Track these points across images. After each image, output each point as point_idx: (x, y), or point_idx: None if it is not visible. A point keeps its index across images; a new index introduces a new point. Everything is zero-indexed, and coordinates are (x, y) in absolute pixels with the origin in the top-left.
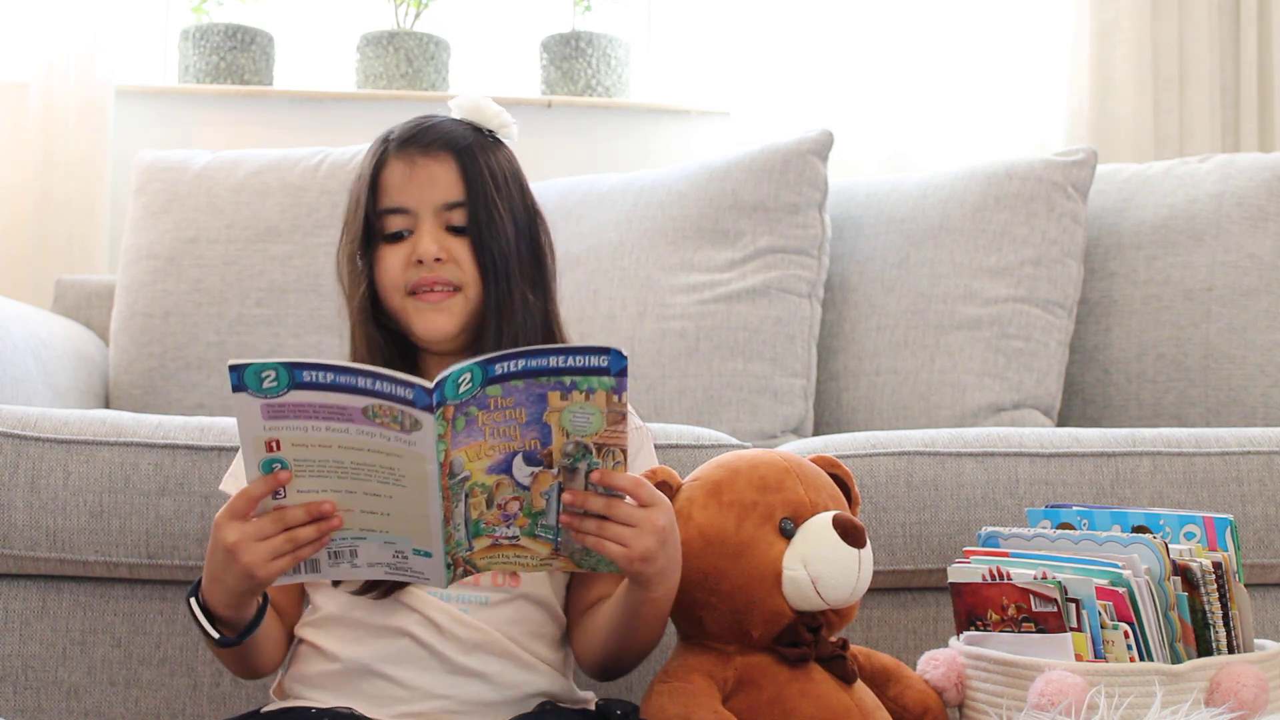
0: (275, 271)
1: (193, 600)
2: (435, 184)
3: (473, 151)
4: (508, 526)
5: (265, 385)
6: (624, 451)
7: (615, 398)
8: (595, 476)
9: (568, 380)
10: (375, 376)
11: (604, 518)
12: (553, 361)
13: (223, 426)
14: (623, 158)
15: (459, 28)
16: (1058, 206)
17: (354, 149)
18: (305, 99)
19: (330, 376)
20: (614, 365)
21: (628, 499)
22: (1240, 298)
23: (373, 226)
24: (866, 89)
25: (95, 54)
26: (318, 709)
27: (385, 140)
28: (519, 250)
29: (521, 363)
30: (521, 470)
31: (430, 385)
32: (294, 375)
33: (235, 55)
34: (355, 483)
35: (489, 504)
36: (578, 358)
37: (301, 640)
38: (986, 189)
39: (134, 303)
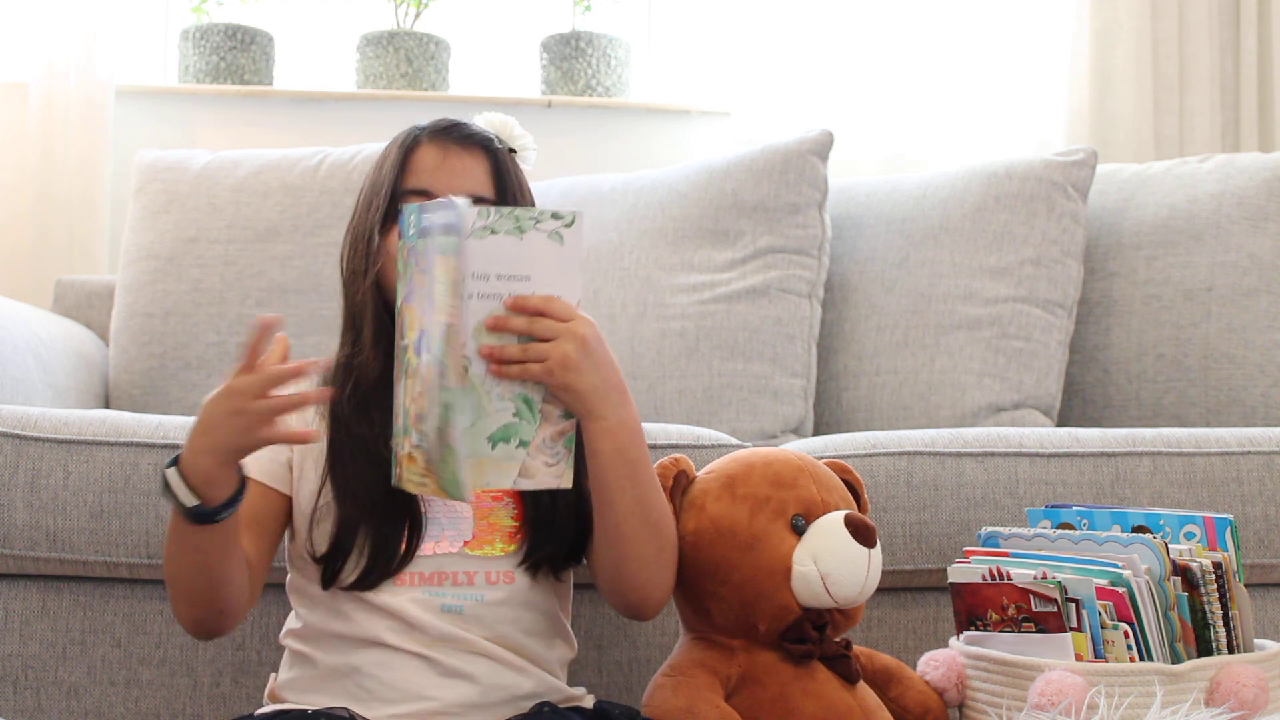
0: (275, 271)
1: (170, 470)
2: (467, 175)
3: (503, 156)
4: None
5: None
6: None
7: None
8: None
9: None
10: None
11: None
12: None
13: None
14: (623, 158)
15: (459, 28)
16: (1058, 206)
17: (354, 149)
18: (305, 99)
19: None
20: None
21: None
22: (1240, 298)
23: (393, 205)
24: (866, 89)
25: (95, 54)
26: (314, 710)
27: (416, 129)
28: None
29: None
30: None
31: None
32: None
33: (235, 55)
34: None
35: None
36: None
37: (288, 649)
38: (986, 189)
39: (134, 303)
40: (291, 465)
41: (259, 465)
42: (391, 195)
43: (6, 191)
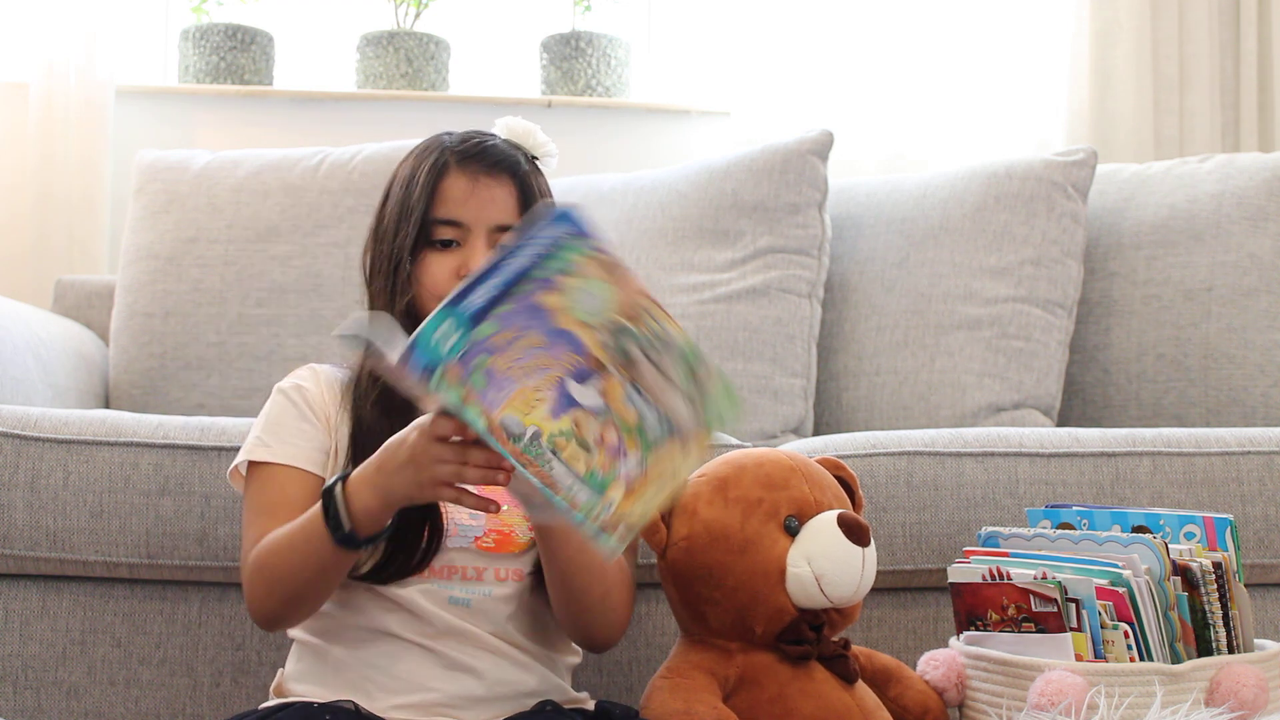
0: (275, 271)
1: (337, 488)
2: (495, 204)
3: (529, 179)
4: (625, 459)
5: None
6: (651, 300)
7: (602, 254)
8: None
9: (548, 269)
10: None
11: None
12: (518, 261)
13: (222, 426)
14: (623, 158)
15: (459, 28)
16: (1058, 206)
17: (354, 149)
18: (305, 99)
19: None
20: (575, 224)
21: None
22: (1240, 298)
23: (422, 232)
24: (866, 89)
25: (95, 54)
26: (319, 704)
27: (441, 149)
28: None
29: (492, 282)
30: (583, 393)
31: (404, 351)
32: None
33: (235, 55)
34: None
35: (585, 448)
36: (535, 243)
37: (296, 641)
38: (986, 189)
39: (134, 303)
40: (330, 453)
41: (300, 451)
42: (422, 223)
43: (6, 191)
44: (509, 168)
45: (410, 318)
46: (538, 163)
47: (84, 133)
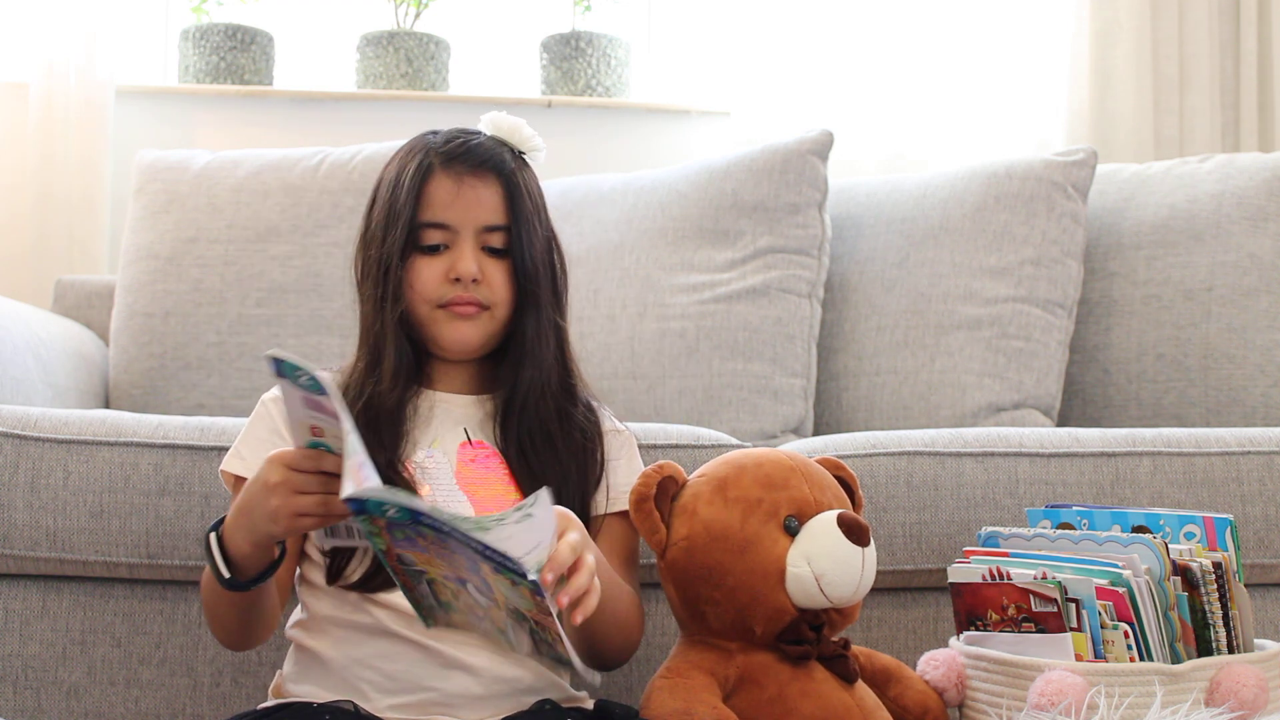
0: (275, 271)
1: (212, 535)
2: (481, 205)
3: (516, 176)
4: (480, 595)
5: (301, 382)
6: (558, 635)
7: (539, 598)
8: (547, 581)
9: (493, 563)
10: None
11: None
12: (474, 545)
13: (222, 426)
14: (623, 158)
15: (459, 28)
16: (1058, 206)
17: (354, 149)
18: (305, 99)
19: (335, 405)
20: (530, 583)
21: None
22: (1240, 298)
23: (412, 236)
24: (866, 89)
25: (95, 54)
26: (318, 704)
27: (426, 150)
28: (544, 273)
29: (448, 529)
30: (476, 595)
31: (346, 494)
32: (320, 384)
33: (235, 55)
34: None
35: (455, 596)
36: (496, 558)
37: (294, 642)
38: (986, 189)
39: (134, 303)
40: None
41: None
42: (410, 227)
43: (6, 191)
44: (494, 166)
45: (403, 323)
46: (526, 158)
47: (84, 133)
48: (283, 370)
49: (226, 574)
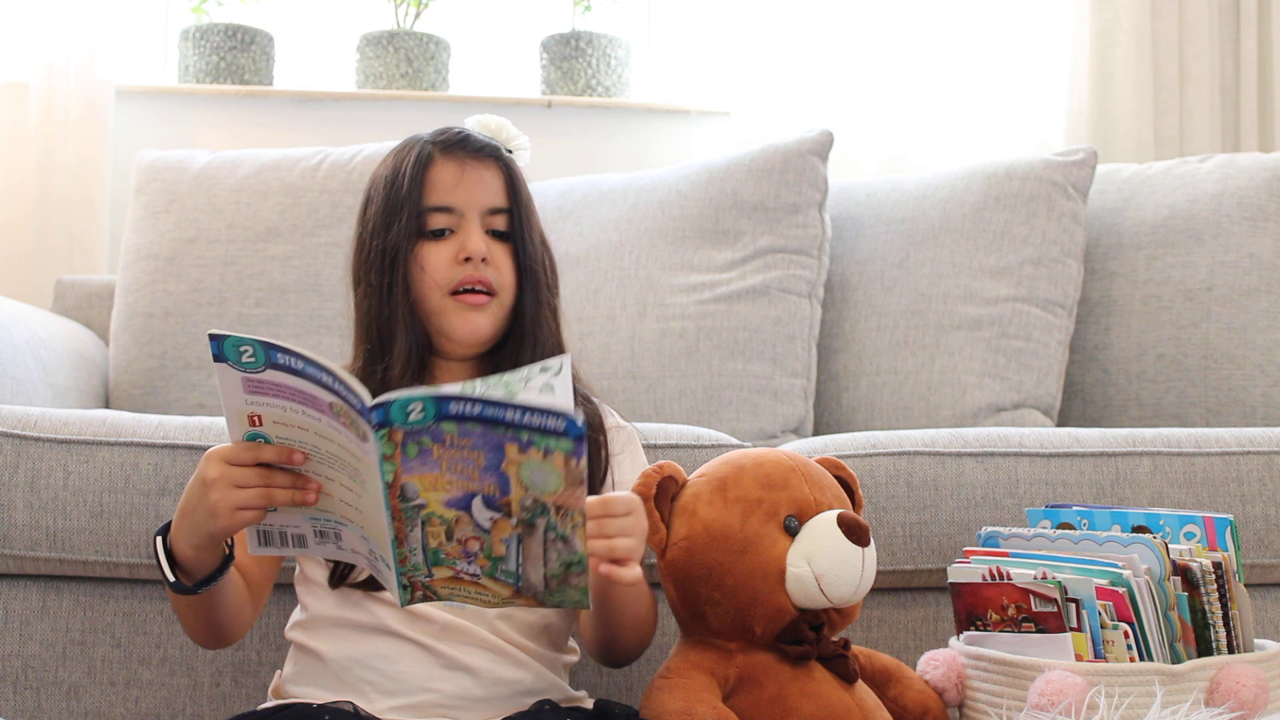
0: (275, 271)
1: (158, 539)
2: (484, 187)
3: (513, 164)
4: (469, 563)
5: (244, 360)
6: (582, 515)
7: (573, 461)
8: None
9: (524, 436)
10: (333, 375)
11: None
12: (509, 416)
13: (222, 426)
14: (623, 158)
15: (459, 28)
16: (1058, 206)
17: (354, 149)
18: (305, 99)
19: (300, 364)
20: (570, 430)
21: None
22: (1240, 298)
23: (419, 222)
24: (866, 89)
25: (95, 54)
26: (318, 704)
27: (421, 143)
28: (544, 261)
29: (478, 408)
30: (481, 513)
31: (370, 402)
32: (270, 355)
33: (235, 55)
34: (333, 471)
35: (449, 536)
36: (534, 416)
37: (293, 643)
38: (986, 189)
39: (134, 303)
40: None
41: None
42: (418, 212)
43: (6, 191)
44: (492, 153)
45: (413, 314)
46: (514, 157)
47: (84, 133)
48: (224, 351)
49: (172, 578)
